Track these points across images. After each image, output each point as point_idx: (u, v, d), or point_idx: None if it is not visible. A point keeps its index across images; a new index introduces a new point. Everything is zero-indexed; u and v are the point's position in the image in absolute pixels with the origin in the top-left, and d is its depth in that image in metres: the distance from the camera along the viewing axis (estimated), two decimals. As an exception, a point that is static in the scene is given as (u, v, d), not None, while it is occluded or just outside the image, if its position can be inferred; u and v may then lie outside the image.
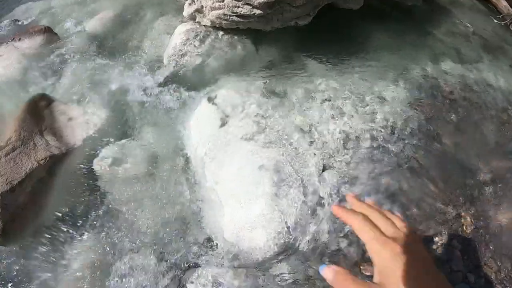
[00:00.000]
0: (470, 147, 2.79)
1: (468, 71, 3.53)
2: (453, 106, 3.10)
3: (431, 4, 4.73)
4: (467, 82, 3.38)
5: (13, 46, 4.27)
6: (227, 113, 2.51)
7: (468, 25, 4.42)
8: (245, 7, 2.96)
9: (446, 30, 4.21)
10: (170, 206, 2.31)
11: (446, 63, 3.61)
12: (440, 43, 3.94)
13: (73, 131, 2.75)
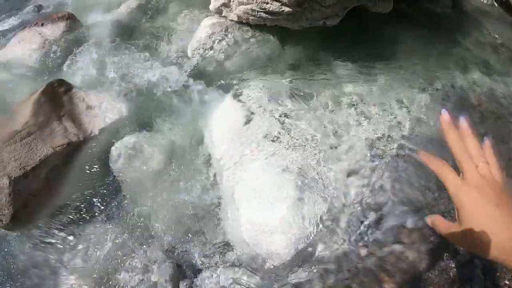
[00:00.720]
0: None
1: (496, 84, 3.41)
2: (481, 119, 2.98)
3: (460, 12, 4.60)
4: (495, 95, 3.26)
5: (36, 31, 4.25)
6: (252, 110, 2.43)
7: (496, 36, 4.27)
8: (274, 4, 2.87)
9: (475, 40, 4.07)
10: (186, 202, 2.24)
11: (474, 73, 3.48)
12: (468, 53, 3.80)
13: (92, 119, 2.69)
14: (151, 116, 2.71)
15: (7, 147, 2.35)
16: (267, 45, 3.14)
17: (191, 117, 2.66)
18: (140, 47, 3.46)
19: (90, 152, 2.51)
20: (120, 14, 4.16)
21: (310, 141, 2.32)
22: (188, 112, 2.70)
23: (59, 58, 3.71)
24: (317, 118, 2.50)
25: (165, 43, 3.46)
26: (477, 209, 0.63)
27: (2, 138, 2.38)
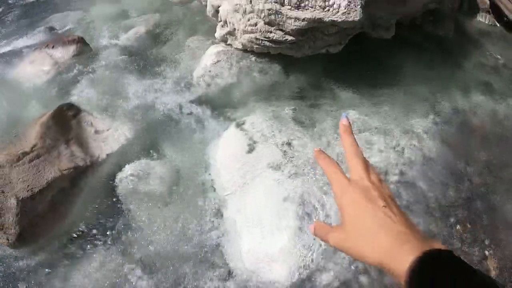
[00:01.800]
0: (499, 186, 2.70)
1: (498, 105, 3.45)
2: (483, 142, 3.03)
3: (462, 35, 4.69)
4: (497, 116, 3.31)
5: (47, 53, 4.37)
6: (255, 139, 2.48)
7: (498, 57, 4.35)
8: (278, 33, 2.96)
9: (476, 62, 4.14)
10: (189, 228, 2.27)
11: (476, 96, 3.53)
12: (470, 76, 3.87)
13: (99, 144, 2.75)
14: (156, 142, 2.76)
15: (16, 168, 2.41)
16: (271, 73, 3.21)
17: (195, 144, 2.71)
18: (147, 73, 3.54)
19: (96, 176, 2.56)
20: (129, 39, 4.27)
21: (311, 170, 2.36)
22: (192, 139, 2.75)
23: (69, 80, 3.80)
24: (319, 147, 2.53)
25: (171, 69, 3.54)
26: (361, 210, 0.59)
27: (11, 159, 2.44)
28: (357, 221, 0.59)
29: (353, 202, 0.61)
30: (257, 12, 2.92)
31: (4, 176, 2.35)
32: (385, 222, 0.56)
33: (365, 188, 0.62)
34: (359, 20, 2.93)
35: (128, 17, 5.16)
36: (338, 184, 0.65)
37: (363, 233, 0.57)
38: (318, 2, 2.86)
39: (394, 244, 0.53)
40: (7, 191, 2.30)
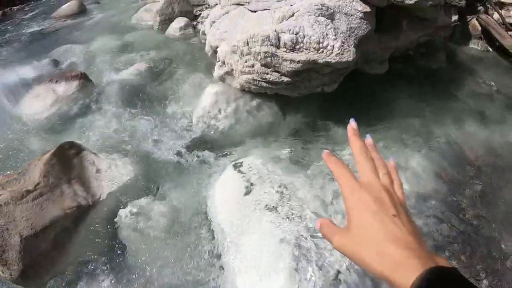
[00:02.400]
0: (493, 217, 2.73)
1: (492, 134, 3.50)
2: (477, 173, 3.06)
3: (455, 64, 4.82)
4: (491, 145, 3.36)
5: (50, 88, 4.49)
6: (252, 181, 2.56)
7: (492, 83, 4.45)
8: (274, 74, 3.08)
9: (470, 91, 4.23)
10: (188, 268, 2.31)
11: (470, 126, 3.60)
12: (464, 105, 3.95)
13: (100, 183, 2.82)
14: (156, 181, 2.83)
15: (19, 206, 2.47)
16: (268, 113, 3.32)
17: (194, 185, 2.78)
18: (148, 111, 3.64)
19: (98, 215, 2.62)
20: (130, 75, 4.39)
21: (307, 211, 2.42)
22: (191, 179, 2.83)
23: (71, 116, 3.90)
24: (314, 188, 2.61)
25: (172, 108, 3.65)
26: (369, 216, 0.56)
27: (15, 196, 2.50)
28: (364, 227, 0.56)
29: (362, 206, 0.58)
30: (254, 54, 3.05)
31: (9, 213, 2.41)
32: (394, 233, 0.54)
33: (376, 192, 0.60)
34: (352, 60, 3.06)
35: (130, 52, 5.31)
36: (347, 186, 0.62)
37: (369, 241, 0.55)
38: (312, 44, 2.99)
39: (401, 257, 0.51)
40: (11, 228, 2.35)
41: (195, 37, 5.60)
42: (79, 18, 9.04)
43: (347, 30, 3.17)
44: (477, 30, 5.45)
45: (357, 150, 0.68)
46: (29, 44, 7.81)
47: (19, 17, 12.59)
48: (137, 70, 4.48)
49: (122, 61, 5.00)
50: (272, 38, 2.96)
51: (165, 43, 5.54)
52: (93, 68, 5.01)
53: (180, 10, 6.28)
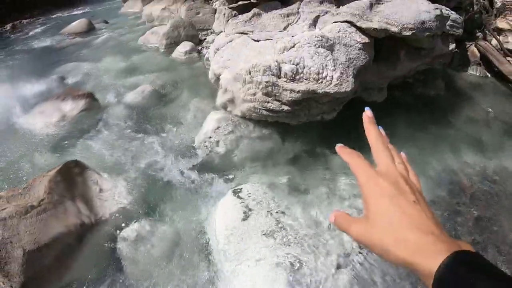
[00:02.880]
0: (489, 244, 2.76)
1: (488, 160, 3.54)
2: (473, 200, 3.10)
3: (453, 91, 4.90)
4: (487, 172, 3.40)
5: (57, 105, 4.61)
6: (251, 207, 2.64)
7: (489, 109, 4.50)
8: (275, 103, 3.20)
9: (467, 118, 4.30)
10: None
11: (466, 153, 3.64)
12: (460, 132, 4.01)
13: (103, 203, 2.90)
14: (157, 204, 2.91)
15: (24, 221, 2.53)
16: (268, 140, 3.43)
17: (194, 208, 2.86)
18: (151, 133, 3.75)
19: (100, 234, 2.68)
20: (135, 97, 4.51)
21: (303, 237, 2.50)
22: (192, 203, 2.91)
23: (76, 135, 4.00)
24: (311, 214, 2.70)
25: (174, 132, 3.76)
26: (389, 204, 0.55)
27: (20, 211, 2.57)
28: (385, 215, 0.54)
29: (381, 194, 0.57)
30: (255, 83, 3.18)
31: (13, 227, 2.47)
32: (415, 219, 0.53)
33: (394, 179, 0.59)
34: (351, 90, 3.18)
35: (136, 73, 5.44)
36: (364, 174, 0.60)
37: (390, 228, 0.53)
38: (312, 75, 3.12)
39: (423, 242, 0.50)
40: (14, 241, 2.41)
41: (199, 61, 5.77)
42: (88, 36, 9.28)
43: (346, 61, 3.29)
44: (475, 56, 5.58)
45: (374, 138, 0.67)
46: (37, 59, 7.99)
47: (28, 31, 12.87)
48: (142, 92, 4.61)
49: (128, 82, 5.14)
50: (274, 68, 3.10)
51: (170, 66, 5.70)
52: (99, 88, 5.14)
53: (186, 34, 6.48)
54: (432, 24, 3.64)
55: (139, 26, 9.33)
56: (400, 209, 0.54)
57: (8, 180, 3.40)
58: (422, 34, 3.60)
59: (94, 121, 4.16)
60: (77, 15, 14.70)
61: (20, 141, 4.08)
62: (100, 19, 10.98)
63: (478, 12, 6.07)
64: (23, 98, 5.49)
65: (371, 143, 0.67)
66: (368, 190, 0.58)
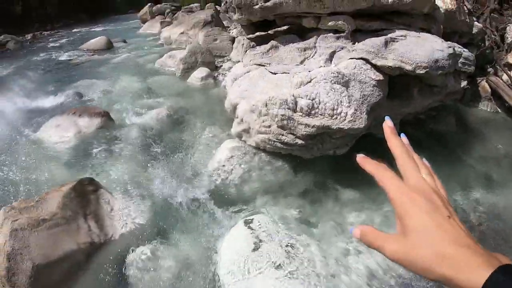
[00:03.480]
0: None
1: (498, 198, 3.53)
2: (481, 238, 3.08)
3: (464, 127, 4.93)
4: (496, 211, 3.38)
5: (72, 120, 4.71)
6: (261, 238, 2.67)
7: (499, 146, 4.52)
8: (289, 136, 3.28)
9: (478, 155, 4.30)
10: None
11: (476, 191, 3.63)
12: (471, 170, 4.01)
13: (114, 223, 2.94)
14: (167, 228, 2.95)
15: (35, 233, 2.57)
16: (280, 172, 3.48)
17: (205, 235, 2.88)
18: (165, 157, 3.83)
19: (109, 254, 2.71)
20: (150, 120, 4.61)
21: (311, 270, 2.51)
22: (202, 230, 2.94)
23: (90, 152, 4.08)
24: (320, 248, 2.72)
25: (187, 157, 3.83)
26: (426, 219, 0.53)
27: (32, 223, 2.60)
28: (424, 232, 0.53)
29: (416, 208, 0.55)
30: (271, 115, 3.26)
31: (24, 239, 2.49)
32: (452, 234, 0.52)
33: (426, 193, 0.57)
34: (364, 126, 3.24)
35: (152, 96, 5.56)
36: (396, 188, 0.58)
37: (430, 245, 0.51)
38: (327, 111, 3.19)
39: (464, 258, 0.49)
40: (24, 253, 2.44)
41: (215, 88, 5.89)
42: (106, 54, 9.53)
43: (360, 98, 3.36)
44: (486, 92, 5.62)
45: (398, 149, 0.65)
46: (56, 72, 8.19)
47: (48, 43, 13.23)
48: (158, 115, 4.71)
49: (144, 104, 5.25)
50: (290, 102, 3.18)
51: (186, 91, 5.82)
52: (115, 107, 5.25)
53: (203, 60, 6.66)
54: (445, 63, 3.70)
55: (156, 48, 9.57)
56: (437, 225, 0.53)
57: (21, 192, 3.46)
58: (435, 73, 3.66)
59: (109, 140, 4.24)
60: (96, 31, 15.11)
61: (34, 153, 4.16)
62: (119, 38, 11.28)
63: (489, 48, 6.20)
64: (39, 110, 5.63)
65: (395, 155, 0.65)
66: (403, 206, 0.56)
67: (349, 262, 2.69)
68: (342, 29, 3.95)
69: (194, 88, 5.98)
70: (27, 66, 9.14)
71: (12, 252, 2.41)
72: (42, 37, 15.82)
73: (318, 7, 3.93)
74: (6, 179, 3.67)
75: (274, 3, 4.06)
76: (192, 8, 16.08)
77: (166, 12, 16.69)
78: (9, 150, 4.32)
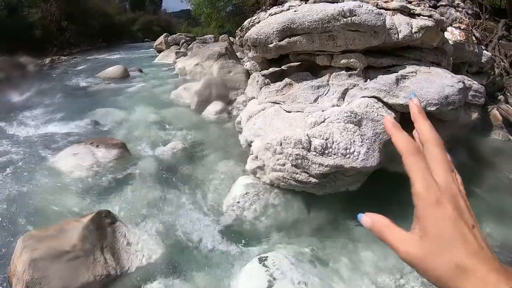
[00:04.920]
0: None
1: (510, 231, 3.53)
2: None
3: (475, 158, 4.94)
4: (508, 243, 3.39)
5: (90, 150, 4.84)
6: (275, 276, 2.72)
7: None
8: (303, 175, 3.37)
9: (489, 186, 4.31)
10: None
11: (488, 224, 3.64)
12: (482, 202, 4.01)
13: (129, 256, 3.02)
14: (182, 263, 3.01)
15: (55, 264, 2.65)
16: (293, 209, 3.56)
17: (219, 271, 2.95)
18: (180, 191, 3.93)
19: (124, 287, 2.76)
20: (166, 153, 4.74)
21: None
22: (217, 266, 3.00)
23: (107, 183, 4.19)
24: (332, 286, 2.75)
25: (203, 192, 3.94)
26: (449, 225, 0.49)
27: (52, 254, 2.69)
28: (443, 237, 0.49)
29: (440, 213, 0.50)
30: (285, 154, 3.37)
31: (43, 269, 2.58)
32: (475, 247, 0.48)
33: (454, 196, 0.51)
34: (376, 164, 3.31)
35: (167, 129, 5.71)
36: (426, 185, 0.51)
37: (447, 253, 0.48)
38: (340, 150, 3.29)
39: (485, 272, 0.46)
40: (43, 283, 2.52)
41: (229, 121, 6.03)
42: (122, 83, 9.79)
43: (372, 136, 3.45)
44: (498, 120, 5.66)
45: (429, 135, 0.56)
46: (73, 100, 8.42)
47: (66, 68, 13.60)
48: (173, 148, 4.84)
49: (159, 136, 5.40)
50: (304, 142, 3.29)
51: (201, 124, 5.97)
52: (131, 138, 5.40)
53: (217, 93, 6.84)
54: (456, 98, 3.77)
55: (171, 79, 9.82)
56: (460, 234, 0.49)
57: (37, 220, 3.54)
58: (446, 108, 3.73)
59: (125, 171, 4.35)
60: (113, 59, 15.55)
61: (51, 180, 4.26)
62: (135, 67, 11.60)
63: (499, 75, 6.26)
64: (56, 137, 5.78)
65: (425, 140, 0.56)
66: (427, 207, 0.51)
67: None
68: (355, 66, 4.08)
69: (208, 121, 6.14)
70: (45, 91, 9.37)
71: (32, 281, 2.50)
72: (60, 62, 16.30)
73: (331, 46, 4.08)
74: (22, 206, 3.78)
75: (288, 42, 4.21)
76: (206, 39, 16.60)
77: (181, 42, 17.21)
78: (25, 176, 4.43)
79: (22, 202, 3.85)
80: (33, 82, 10.27)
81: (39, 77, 11.46)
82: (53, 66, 14.76)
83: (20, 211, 3.68)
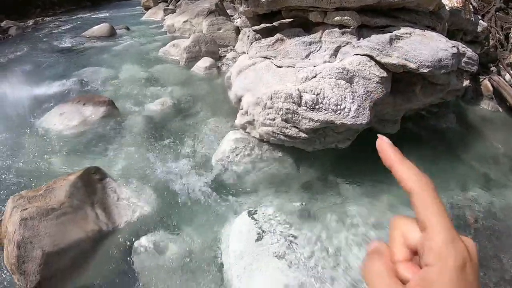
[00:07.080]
0: (490, 281, 2.79)
1: (495, 198, 3.60)
2: (475, 237, 3.17)
3: (464, 124, 4.99)
4: (492, 209, 3.46)
5: (77, 108, 4.75)
6: (264, 229, 2.76)
7: (499, 146, 4.58)
8: (293, 129, 3.34)
9: (477, 153, 4.37)
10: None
11: (473, 190, 3.71)
12: (469, 169, 4.08)
13: (120, 211, 3.03)
14: (172, 216, 3.04)
15: (44, 222, 2.66)
16: (283, 165, 3.56)
17: (209, 224, 2.99)
18: (169, 147, 3.90)
19: (115, 242, 2.81)
20: (155, 109, 4.67)
21: (312, 261, 2.61)
22: (207, 218, 3.03)
23: (95, 141, 4.13)
24: (321, 240, 2.82)
25: (192, 148, 3.91)
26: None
27: (41, 212, 2.69)
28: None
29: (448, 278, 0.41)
30: (276, 109, 3.32)
31: (33, 227, 2.59)
32: None
33: (463, 261, 0.42)
34: (366, 122, 3.30)
35: (155, 85, 5.59)
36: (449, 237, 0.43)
37: None
38: (331, 106, 3.25)
39: None
40: (34, 242, 2.53)
41: (218, 78, 5.93)
42: (109, 41, 9.47)
43: (363, 94, 3.42)
44: (488, 91, 5.66)
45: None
46: (58, 60, 8.15)
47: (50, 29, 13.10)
48: (162, 104, 4.76)
49: (147, 92, 5.29)
50: (295, 97, 3.24)
51: (190, 80, 5.85)
52: (119, 96, 5.29)
53: (207, 49, 6.68)
54: (449, 62, 3.72)
55: (160, 36, 9.53)
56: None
57: (27, 181, 3.52)
58: (438, 72, 3.70)
59: (114, 128, 4.29)
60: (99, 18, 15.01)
61: (39, 141, 4.20)
62: (121, 25, 11.20)
63: (493, 47, 6.22)
64: (42, 98, 5.64)
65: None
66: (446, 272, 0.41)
67: (349, 253, 2.77)
68: (348, 24, 3.97)
69: (198, 77, 6.01)
70: (29, 52, 9.08)
71: (23, 241, 2.51)
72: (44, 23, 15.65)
73: (324, 2, 3.95)
74: (11, 168, 3.74)
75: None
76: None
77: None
78: (13, 138, 4.36)
79: (10, 164, 3.80)
80: (16, 45, 9.92)
81: (23, 40, 11.04)
82: (36, 28, 14.15)
83: (8, 174, 3.64)
